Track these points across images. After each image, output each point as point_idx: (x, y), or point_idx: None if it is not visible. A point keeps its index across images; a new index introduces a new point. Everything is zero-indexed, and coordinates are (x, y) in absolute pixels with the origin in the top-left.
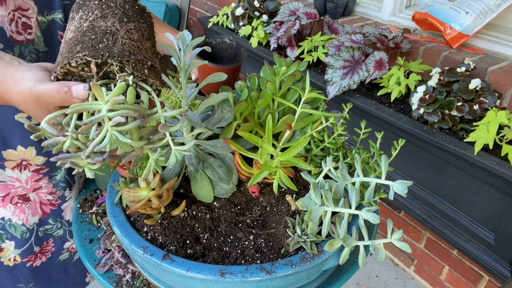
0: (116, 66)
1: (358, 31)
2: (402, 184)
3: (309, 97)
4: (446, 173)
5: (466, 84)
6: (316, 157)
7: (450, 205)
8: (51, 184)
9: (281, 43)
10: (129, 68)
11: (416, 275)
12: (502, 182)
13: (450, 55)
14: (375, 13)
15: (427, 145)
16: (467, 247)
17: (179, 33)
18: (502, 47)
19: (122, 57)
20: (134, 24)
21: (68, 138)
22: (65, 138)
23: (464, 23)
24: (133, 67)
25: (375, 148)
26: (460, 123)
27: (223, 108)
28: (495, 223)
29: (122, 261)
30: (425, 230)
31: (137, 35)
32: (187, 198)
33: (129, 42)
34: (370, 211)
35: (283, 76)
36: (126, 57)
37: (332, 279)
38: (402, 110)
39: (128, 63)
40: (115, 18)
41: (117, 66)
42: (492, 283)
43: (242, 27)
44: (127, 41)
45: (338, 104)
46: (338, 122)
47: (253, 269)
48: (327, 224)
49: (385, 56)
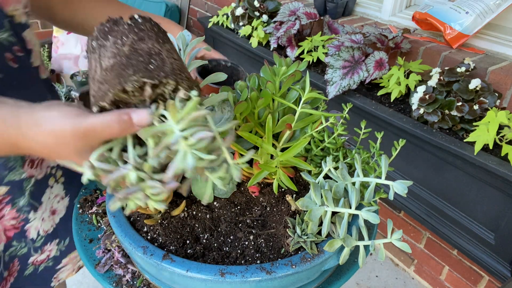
0: (171, 85)
1: (358, 31)
2: (402, 184)
3: (309, 97)
4: (446, 173)
5: (466, 84)
6: (316, 157)
7: (450, 205)
8: (14, 210)
9: (281, 43)
10: (184, 86)
11: (416, 275)
12: (502, 182)
13: (450, 55)
14: (375, 13)
15: (427, 145)
16: (467, 247)
17: (179, 33)
18: (502, 47)
19: (175, 75)
20: (169, 45)
21: (132, 170)
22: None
23: (464, 23)
24: (187, 85)
25: (375, 148)
26: (460, 123)
27: (223, 108)
28: (495, 223)
29: (122, 261)
30: (425, 230)
31: (176, 54)
32: (187, 198)
33: (174, 61)
34: (370, 211)
35: (283, 76)
36: (179, 75)
37: (332, 279)
38: (402, 110)
39: (182, 81)
40: (152, 40)
41: (171, 86)
42: (492, 283)
43: (242, 27)
44: (172, 60)
45: (338, 104)
46: (338, 122)
47: (253, 269)
48: (327, 224)
49: (385, 56)
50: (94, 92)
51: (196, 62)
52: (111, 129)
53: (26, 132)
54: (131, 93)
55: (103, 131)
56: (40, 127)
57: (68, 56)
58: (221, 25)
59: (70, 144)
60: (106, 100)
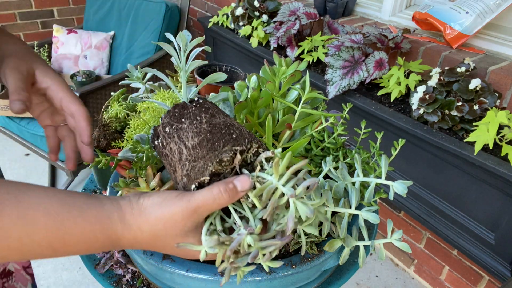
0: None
1: (358, 31)
2: (402, 184)
3: (309, 97)
4: (446, 173)
5: (466, 84)
6: (316, 157)
7: (450, 205)
8: None
9: (281, 43)
10: (263, 147)
11: (416, 275)
12: (502, 182)
13: (450, 55)
14: (375, 13)
15: (427, 145)
16: (467, 247)
17: (180, 32)
18: (502, 47)
19: (254, 139)
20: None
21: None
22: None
23: (464, 23)
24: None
25: (375, 148)
26: (460, 123)
27: (223, 108)
28: (495, 223)
29: (122, 261)
30: (425, 230)
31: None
32: None
33: (245, 129)
34: (370, 211)
35: (283, 76)
36: (255, 139)
37: (332, 279)
38: (402, 110)
39: (260, 143)
40: (219, 114)
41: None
42: (492, 283)
43: (242, 27)
44: (243, 128)
45: (338, 104)
46: (338, 122)
47: (253, 269)
48: (327, 224)
49: (385, 56)
50: (186, 172)
51: (196, 62)
52: (220, 199)
53: (132, 224)
54: (225, 163)
55: (214, 204)
56: (148, 216)
57: (68, 56)
58: (221, 25)
59: (179, 226)
60: (206, 174)
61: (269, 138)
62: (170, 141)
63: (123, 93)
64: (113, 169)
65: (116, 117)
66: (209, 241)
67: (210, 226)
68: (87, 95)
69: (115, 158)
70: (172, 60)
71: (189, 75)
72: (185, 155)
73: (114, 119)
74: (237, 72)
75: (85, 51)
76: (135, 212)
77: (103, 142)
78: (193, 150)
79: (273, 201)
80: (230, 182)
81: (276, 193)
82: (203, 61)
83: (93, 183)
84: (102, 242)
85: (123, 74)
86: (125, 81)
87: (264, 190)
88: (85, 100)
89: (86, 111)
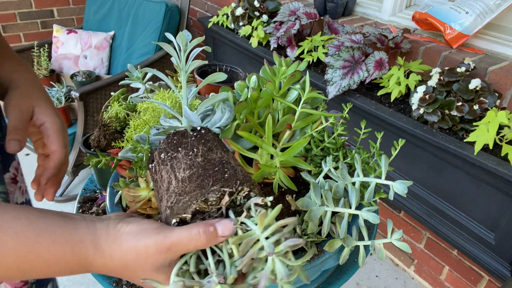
0: (244, 192)
1: (358, 31)
2: (402, 184)
3: (309, 97)
4: (446, 173)
5: (466, 84)
6: (316, 157)
7: (450, 205)
8: None
9: (281, 43)
10: (255, 191)
11: (416, 275)
12: (502, 182)
13: (450, 55)
14: (375, 13)
15: (427, 145)
16: (467, 247)
17: (180, 32)
18: (502, 47)
19: (247, 182)
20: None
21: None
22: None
23: (464, 23)
24: (257, 190)
25: (375, 148)
26: (460, 123)
27: (223, 108)
28: (495, 223)
29: None
30: (425, 230)
31: (237, 161)
32: None
33: (241, 168)
34: (370, 211)
35: (283, 76)
36: (249, 182)
37: (332, 279)
38: (402, 110)
39: (253, 187)
40: (218, 149)
41: (244, 192)
42: (492, 283)
43: (242, 27)
44: (239, 167)
45: (338, 104)
46: (338, 122)
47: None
48: (327, 224)
49: (385, 56)
50: (170, 204)
51: (196, 62)
52: (197, 241)
53: (105, 250)
54: (211, 203)
55: (189, 244)
56: (121, 245)
57: (68, 56)
58: (221, 25)
59: (150, 260)
60: (188, 211)
61: (269, 138)
62: (163, 168)
63: (123, 93)
64: (113, 169)
65: (116, 117)
66: (175, 285)
67: (184, 265)
68: (87, 95)
69: (115, 158)
70: (172, 60)
71: (189, 75)
72: (173, 186)
73: (114, 119)
74: (237, 72)
75: (85, 51)
76: (110, 239)
77: (103, 142)
78: (182, 183)
79: (251, 252)
80: (211, 225)
81: (256, 245)
82: (203, 61)
83: (93, 183)
84: (72, 266)
85: (123, 74)
86: (125, 81)
87: (244, 239)
88: (85, 100)
89: (62, 157)
